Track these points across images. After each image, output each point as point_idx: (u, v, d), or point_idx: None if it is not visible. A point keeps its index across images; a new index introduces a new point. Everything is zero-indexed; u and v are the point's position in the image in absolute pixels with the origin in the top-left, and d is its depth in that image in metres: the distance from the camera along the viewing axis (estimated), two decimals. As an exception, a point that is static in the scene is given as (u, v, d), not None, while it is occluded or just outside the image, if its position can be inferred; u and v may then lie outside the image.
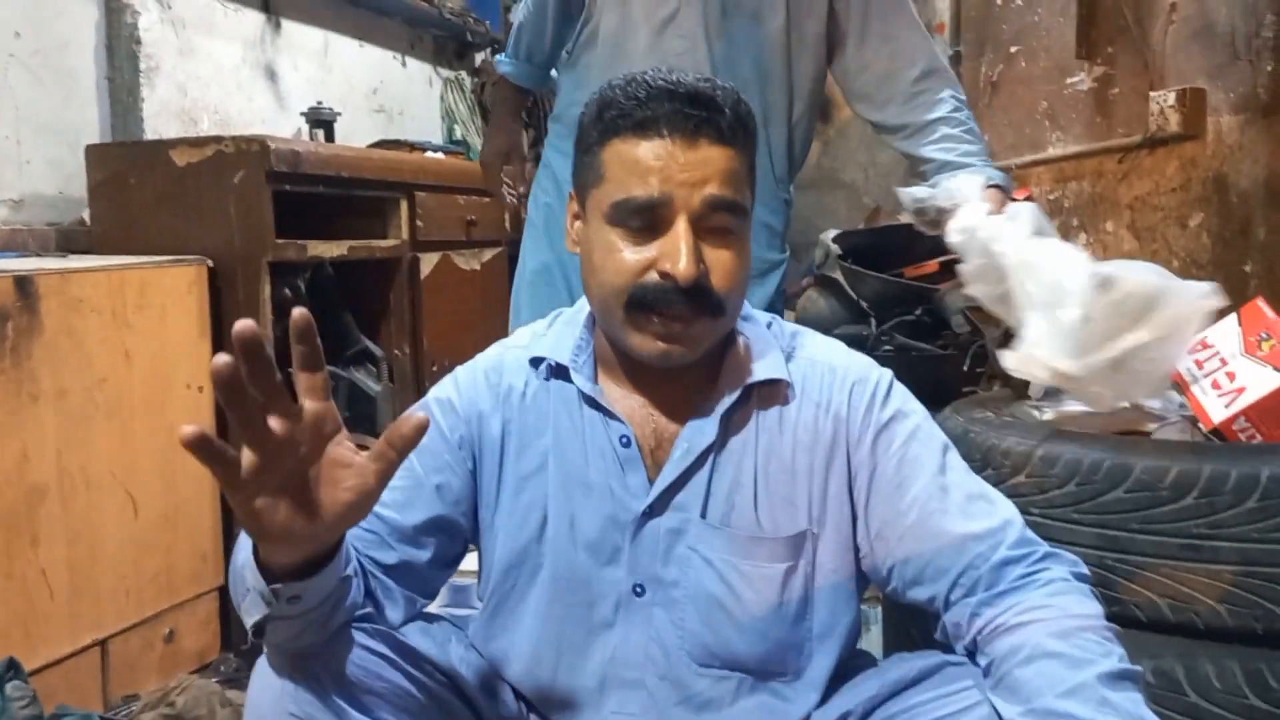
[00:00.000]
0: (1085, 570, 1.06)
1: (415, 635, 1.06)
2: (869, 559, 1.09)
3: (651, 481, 1.08)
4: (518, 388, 1.13)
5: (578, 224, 1.12)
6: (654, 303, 1.02)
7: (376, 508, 1.03)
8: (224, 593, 2.26)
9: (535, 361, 1.14)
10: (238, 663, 2.14)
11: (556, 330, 1.17)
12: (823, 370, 1.12)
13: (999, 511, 1.06)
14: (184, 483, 2.15)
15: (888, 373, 1.13)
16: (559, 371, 1.13)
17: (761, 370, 1.10)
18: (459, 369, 1.18)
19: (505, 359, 1.16)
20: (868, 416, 1.09)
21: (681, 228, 1.00)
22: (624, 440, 1.09)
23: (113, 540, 1.97)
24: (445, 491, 1.11)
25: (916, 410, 1.11)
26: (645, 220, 1.02)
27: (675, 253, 1.00)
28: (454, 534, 1.13)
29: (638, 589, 1.07)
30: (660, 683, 1.06)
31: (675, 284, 1.00)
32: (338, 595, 0.95)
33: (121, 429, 2.00)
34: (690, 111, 1.01)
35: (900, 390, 1.12)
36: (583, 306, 1.17)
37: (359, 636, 1.00)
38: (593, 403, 1.10)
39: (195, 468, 2.14)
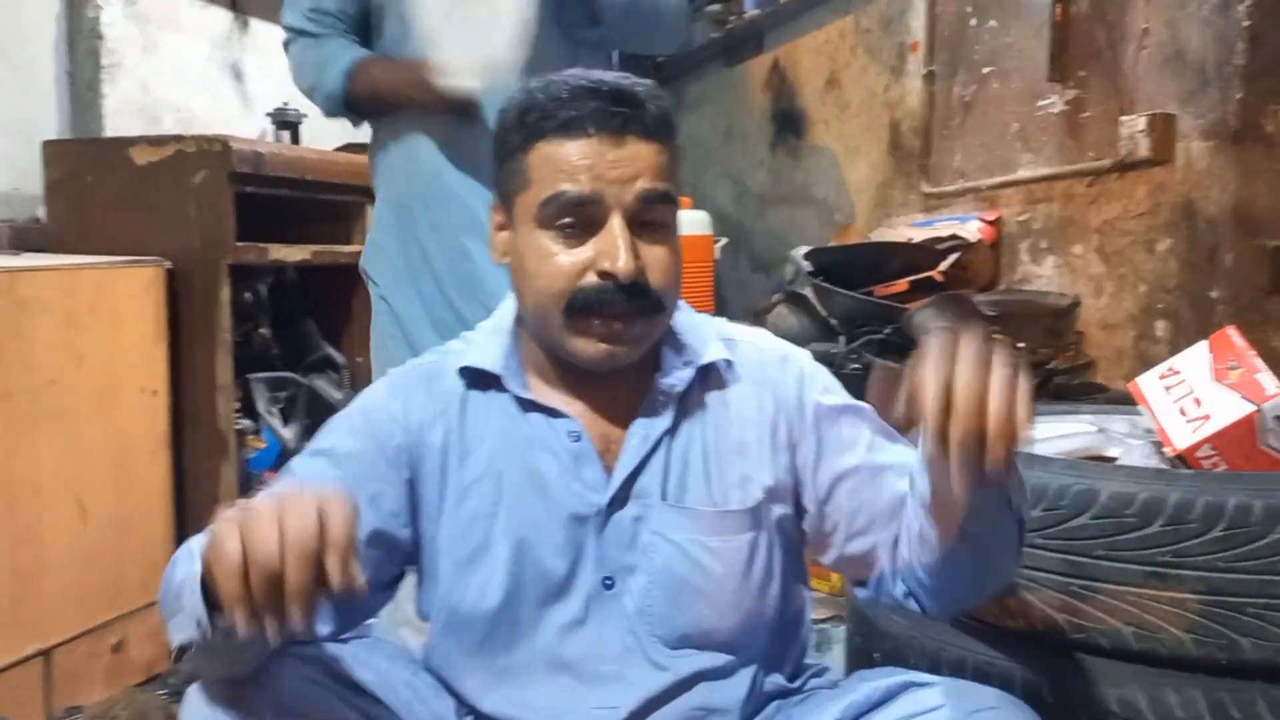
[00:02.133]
0: None
1: (357, 666, 1.02)
2: (815, 522, 1.12)
3: (608, 475, 1.07)
4: (457, 395, 1.11)
5: (503, 234, 1.10)
6: (595, 305, 1.01)
7: None
8: (174, 603, 2.20)
9: (465, 372, 1.11)
10: (187, 675, 2.09)
11: (484, 339, 1.14)
12: (750, 350, 1.15)
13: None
14: (136, 490, 2.10)
15: (805, 351, 1.19)
16: (492, 381, 1.10)
17: (707, 352, 1.12)
18: (393, 372, 1.15)
19: (444, 365, 1.13)
20: (801, 390, 1.13)
21: (616, 225, 1.00)
22: (573, 435, 1.08)
23: (60, 547, 1.92)
24: (380, 501, 1.07)
25: (836, 383, 1.17)
26: (577, 219, 1.01)
27: (614, 250, 1.00)
28: (391, 549, 1.09)
29: (607, 582, 1.06)
30: (637, 673, 1.05)
31: (615, 283, 1.00)
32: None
33: (70, 433, 1.94)
34: (615, 109, 1.00)
35: (820, 367, 1.18)
36: (503, 314, 1.15)
37: (298, 667, 0.96)
38: (533, 405, 1.09)
39: (147, 475, 2.12)
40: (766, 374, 1.13)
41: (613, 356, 1.04)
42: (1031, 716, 0.99)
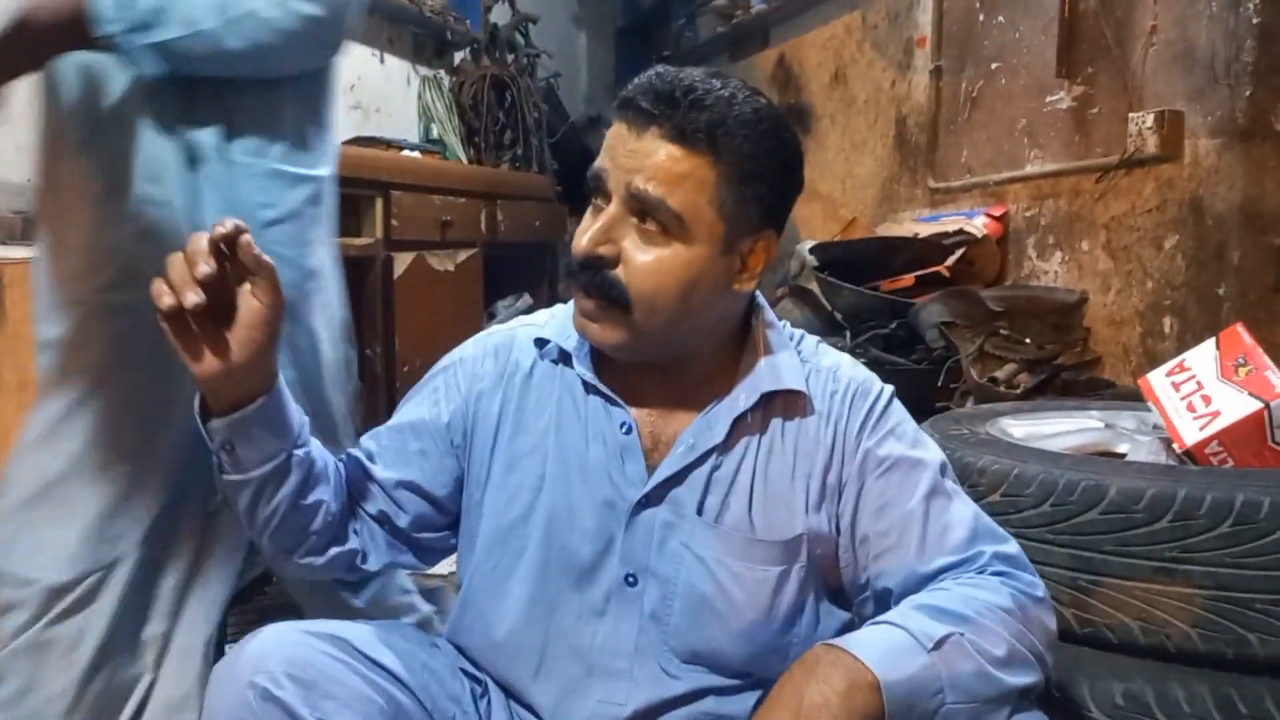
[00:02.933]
0: (1039, 593, 1.02)
1: (377, 646, 1.04)
2: (849, 569, 1.09)
3: (649, 474, 1.07)
4: (524, 366, 1.14)
5: None
6: (570, 274, 1.05)
7: (365, 460, 1.15)
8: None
9: (540, 343, 1.14)
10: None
11: (566, 314, 1.15)
12: (827, 378, 1.11)
13: (974, 545, 1.05)
14: (147, 480, 2.11)
15: (889, 389, 1.12)
16: (562, 357, 1.13)
17: (781, 379, 1.09)
18: (471, 339, 1.20)
19: (518, 336, 1.17)
20: (862, 430, 1.08)
21: (610, 209, 1.02)
22: (625, 428, 1.08)
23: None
24: (426, 460, 1.14)
25: (910, 430, 1.10)
26: (595, 193, 1.04)
27: (588, 228, 1.03)
28: (433, 503, 1.15)
29: (630, 579, 1.06)
30: (646, 675, 1.06)
31: (575, 258, 1.03)
32: (281, 465, 1.04)
33: (83, 424, 1.95)
34: (650, 103, 1.00)
35: (898, 408, 1.11)
36: None
37: (320, 644, 0.99)
38: (594, 389, 1.10)
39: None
40: (834, 407, 1.09)
41: (586, 329, 1.05)
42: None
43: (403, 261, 2.92)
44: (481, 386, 1.14)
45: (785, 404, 1.09)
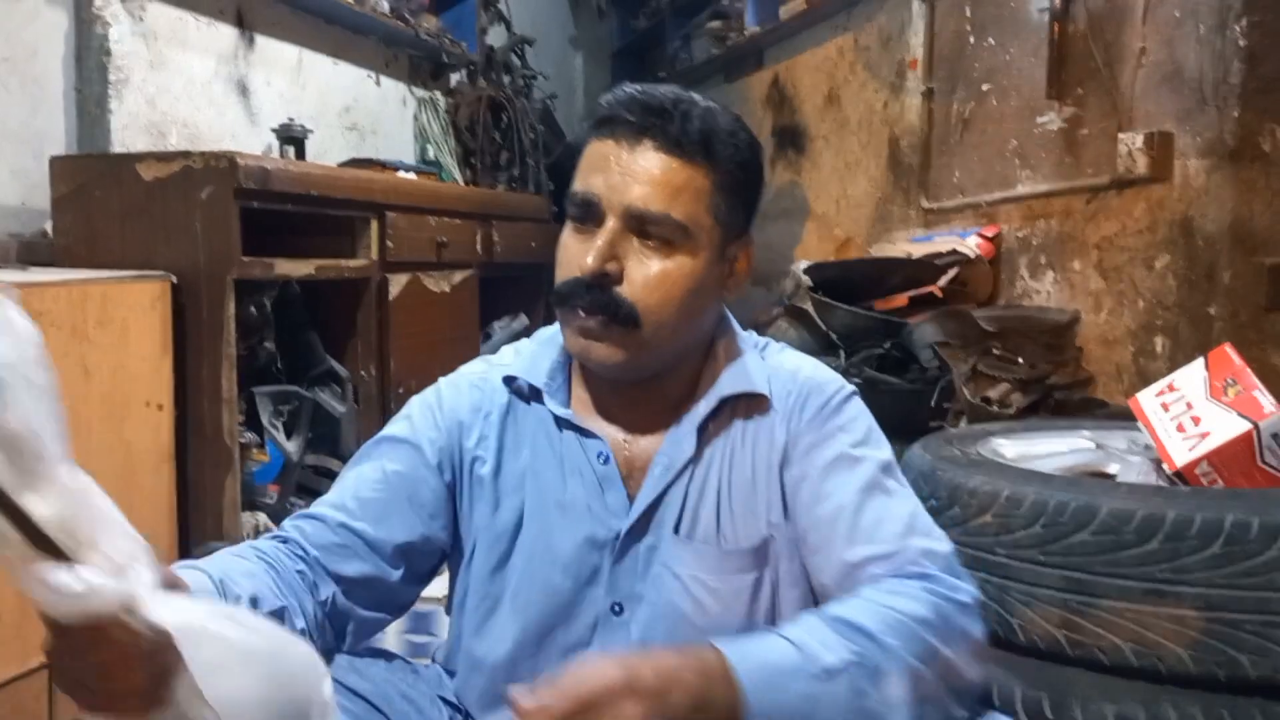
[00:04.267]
0: (962, 598, 0.98)
1: (353, 674, 1.03)
2: (803, 567, 1.08)
3: (631, 501, 1.07)
4: (500, 405, 1.13)
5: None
6: (568, 297, 1.03)
7: (347, 519, 1.05)
8: (178, 615, 2.21)
9: (508, 380, 1.13)
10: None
11: (534, 349, 1.16)
12: (786, 378, 1.11)
13: (907, 538, 1.02)
14: (141, 503, 2.11)
15: (849, 388, 1.12)
16: (533, 393, 1.12)
17: (738, 383, 1.09)
18: (442, 380, 1.17)
19: (489, 376, 1.15)
20: (812, 424, 1.08)
21: (608, 227, 1.01)
22: (602, 458, 1.08)
23: (64, 560, 1.93)
24: (420, 506, 1.09)
25: (860, 429, 1.09)
26: (583, 215, 1.03)
27: (590, 249, 1.01)
28: (430, 550, 1.11)
29: (615, 608, 1.06)
30: None
31: (583, 279, 1.01)
32: None
33: (78, 446, 1.91)
34: (640, 116, 1.01)
35: (852, 407, 1.10)
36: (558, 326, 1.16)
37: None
38: (567, 424, 1.10)
39: (153, 488, 2.12)
40: (790, 406, 1.09)
41: (589, 352, 1.03)
42: None
43: (398, 283, 2.93)
44: (461, 420, 1.12)
45: (747, 407, 1.09)
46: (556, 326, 1.15)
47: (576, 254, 1.03)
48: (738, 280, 1.10)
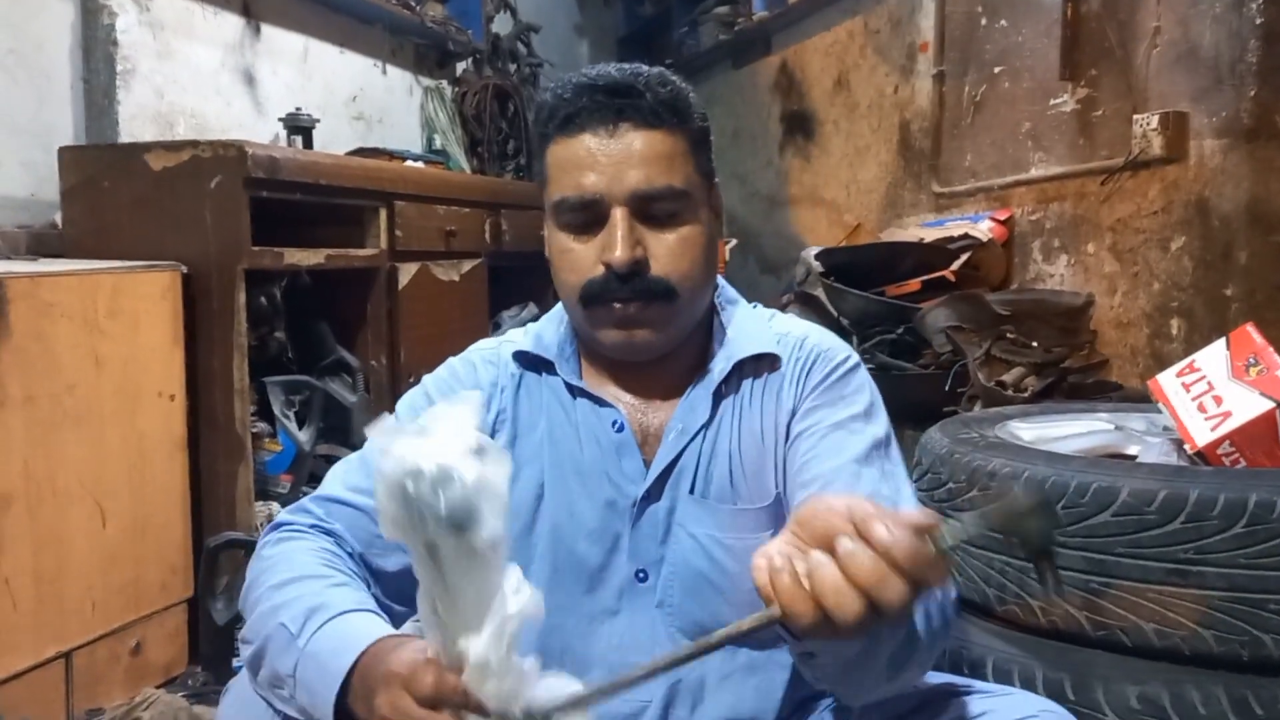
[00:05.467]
0: (953, 592, 0.97)
1: None
2: None
3: (647, 466, 1.08)
4: (512, 379, 1.14)
5: (546, 230, 1.12)
6: (601, 295, 1.03)
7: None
8: (193, 605, 2.21)
9: (519, 356, 1.14)
10: (205, 676, 2.10)
11: (541, 327, 1.18)
12: (795, 344, 1.13)
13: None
14: (154, 493, 2.11)
15: (855, 357, 1.13)
16: (545, 365, 1.13)
17: (749, 345, 1.11)
18: (453, 359, 1.18)
19: (500, 351, 1.16)
20: (818, 389, 1.09)
21: (616, 217, 1.02)
22: (617, 425, 1.09)
23: (80, 550, 1.92)
24: None
25: (864, 400, 1.09)
26: (584, 217, 1.04)
27: (611, 243, 1.02)
28: None
29: (640, 574, 1.07)
30: None
31: (614, 273, 1.02)
32: None
33: (91, 437, 1.95)
34: (608, 101, 1.02)
35: (859, 378, 1.11)
36: None
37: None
38: (581, 392, 1.11)
39: (166, 478, 2.12)
40: (799, 369, 1.11)
41: (632, 340, 1.05)
42: None
43: (407, 272, 2.92)
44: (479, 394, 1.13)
45: (756, 368, 1.11)
46: (562, 305, 1.16)
47: (588, 255, 1.04)
48: (720, 221, 1.13)
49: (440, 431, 0.71)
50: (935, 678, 1.04)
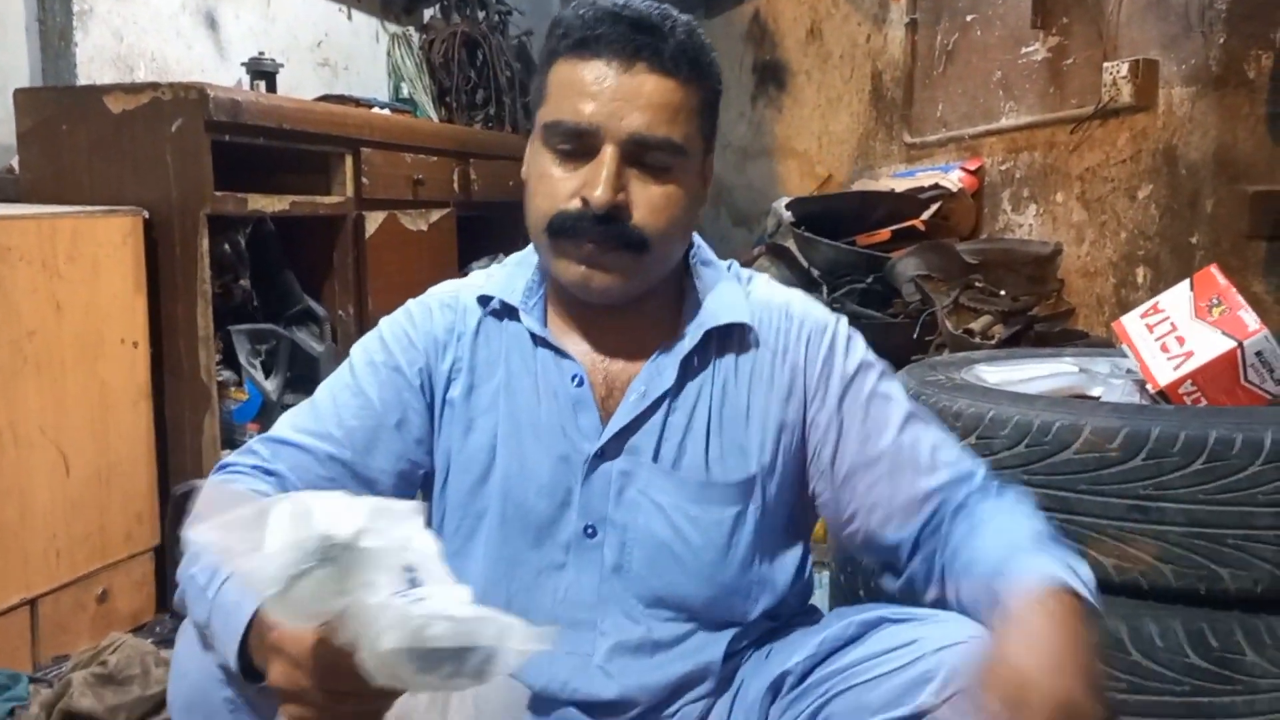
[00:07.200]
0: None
1: None
2: (831, 505, 1.09)
3: (604, 424, 1.06)
4: (471, 325, 1.11)
5: (529, 148, 1.09)
6: (571, 229, 1.00)
7: (335, 450, 1.04)
8: (159, 554, 2.20)
9: (483, 300, 1.11)
10: (174, 624, 2.09)
11: (508, 270, 1.14)
12: (779, 315, 1.10)
13: (964, 461, 1.07)
14: (118, 442, 2.09)
15: (843, 320, 1.12)
16: (509, 311, 1.10)
17: (723, 314, 1.08)
18: (410, 302, 1.15)
19: (460, 295, 1.13)
20: (828, 367, 1.08)
21: (607, 155, 0.99)
22: (576, 380, 1.07)
23: (43, 498, 1.91)
24: (406, 429, 1.08)
25: (875, 361, 1.11)
26: (574, 146, 1.00)
27: (595, 180, 0.98)
28: (416, 477, 1.10)
29: (589, 530, 1.05)
30: (611, 624, 1.05)
31: (591, 211, 0.98)
32: None
33: (52, 384, 1.92)
34: (631, 35, 0.98)
35: (859, 340, 1.11)
36: (532, 247, 1.14)
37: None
38: (543, 342, 1.09)
39: (130, 426, 2.10)
40: (789, 343, 1.08)
41: (589, 280, 1.02)
42: None
43: (374, 220, 2.89)
44: (437, 338, 1.10)
45: (736, 340, 1.09)
46: (529, 249, 1.13)
47: (567, 184, 1.01)
48: (707, 190, 1.10)
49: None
50: (874, 609, 1.03)
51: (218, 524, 0.71)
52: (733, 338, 1.09)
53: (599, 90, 0.98)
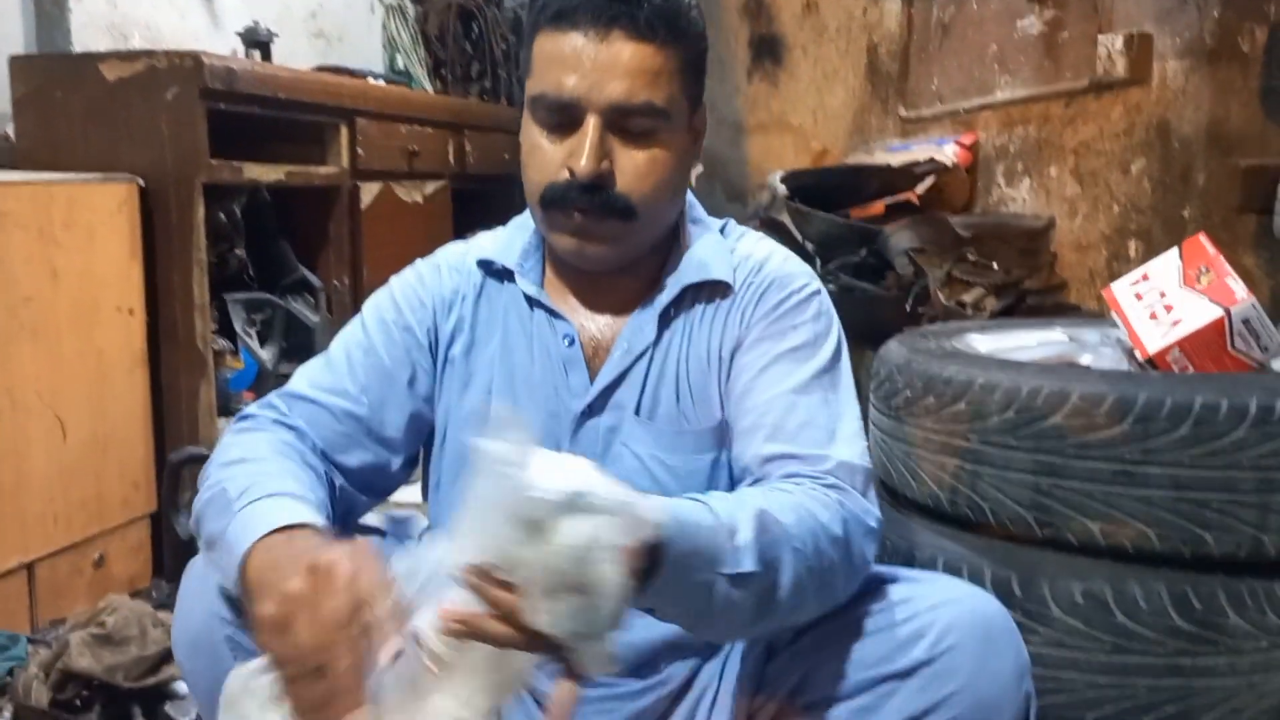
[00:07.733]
0: (871, 523, 0.99)
1: None
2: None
3: (592, 381, 1.09)
4: (475, 286, 1.14)
5: (523, 121, 1.10)
6: (561, 200, 1.02)
7: (351, 406, 1.07)
8: (156, 520, 2.21)
9: (483, 264, 1.14)
10: (170, 589, 2.10)
11: (509, 233, 1.17)
12: (754, 268, 1.11)
13: (830, 450, 1.01)
14: (114, 408, 2.10)
15: (814, 285, 1.11)
16: (508, 274, 1.13)
17: (701, 270, 1.10)
18: (420, 262, 1.18)
19: (466, 257, 1.16)
20: (766, 317, 1.08)
21: (589, 125, 1.00)
22: (568, 340, 1.10)
23: (40, 463, 1.92)
24: (416, 387, 1.12)
25: (814, 330, 1.08)
26: (559, 118, 1.02)
27: (579, 151, 1.00)
28: (424, 431, 1.14)
29: None
30: None
31: (577, 181, 1.00)
32: None
33: (48, 350, 1.93)
34: (606, 4, 0.99)
35: (814, 307, 1.09)
36: None
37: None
38: (538, 304, 1.11)
39: (126, 393, 2.11)
40: (749, 295, 1.09)
41: (583, 251, 1.04)
42: (995, 607, 0.99)
43: (370, 191, 2.89)
44: (443, 298, 1.13)
45: (710, 292, 1.10)
46: (528, 212, 1.15)
47: (556, 156, 1.02)
48: (699, 147, 1.11)
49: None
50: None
51: None
52: (710, 290, 1.10)
53: (578, 62, 0.99)
